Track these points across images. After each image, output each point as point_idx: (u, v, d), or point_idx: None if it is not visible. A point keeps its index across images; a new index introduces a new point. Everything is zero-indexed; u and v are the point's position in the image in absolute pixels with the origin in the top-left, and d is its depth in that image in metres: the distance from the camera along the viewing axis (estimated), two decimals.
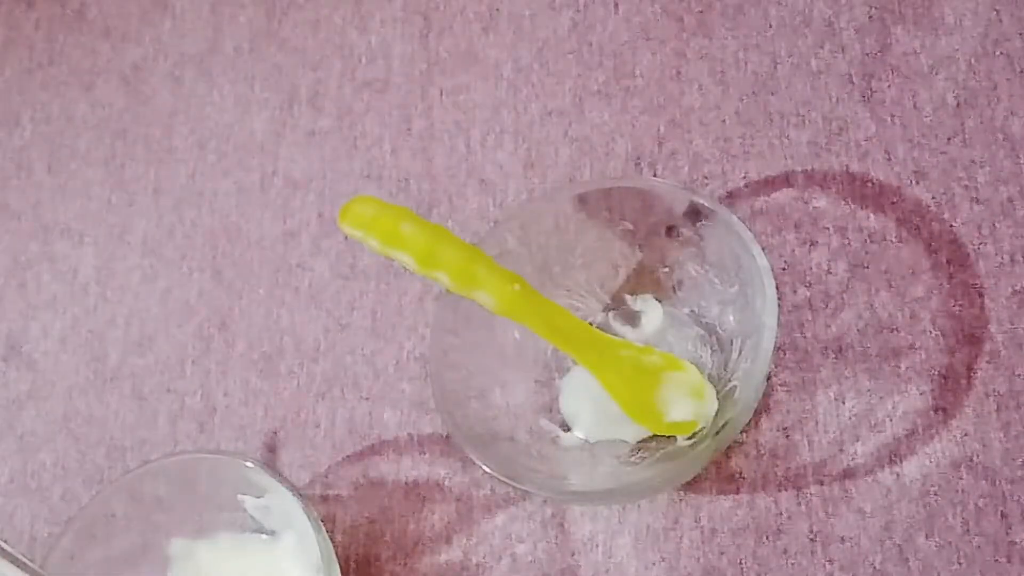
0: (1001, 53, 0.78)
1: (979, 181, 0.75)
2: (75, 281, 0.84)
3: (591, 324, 0.75)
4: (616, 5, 0.85)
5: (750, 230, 0.70)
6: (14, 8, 0.93)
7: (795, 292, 0.75)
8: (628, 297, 0.76)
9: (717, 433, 0.68)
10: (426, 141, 0.85)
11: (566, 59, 0.85)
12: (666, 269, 0.75)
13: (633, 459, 0.72)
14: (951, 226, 0.74)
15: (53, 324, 0.84)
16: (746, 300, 0.71)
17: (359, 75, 0.88)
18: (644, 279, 0.76)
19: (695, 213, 0.72)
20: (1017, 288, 0.73)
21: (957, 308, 0.73)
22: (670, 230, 0.74)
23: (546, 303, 0.69)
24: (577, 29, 0.85)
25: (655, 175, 0.79)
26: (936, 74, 0.77)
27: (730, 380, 0.71)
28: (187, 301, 0.82)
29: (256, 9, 0.91)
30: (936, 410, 0.71)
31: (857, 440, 0.71)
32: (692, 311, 0.75)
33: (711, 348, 0.73)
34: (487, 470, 0.69)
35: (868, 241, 0.74)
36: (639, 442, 0.73)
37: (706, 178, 0.79)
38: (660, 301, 0.75)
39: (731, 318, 0.73)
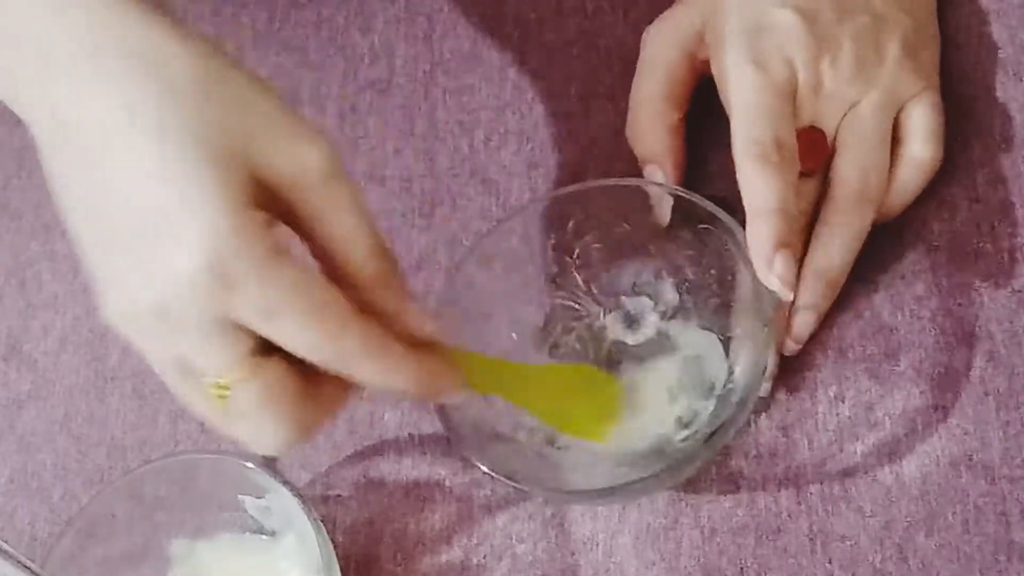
0: (998, 57, 0.78)
1: (978, 181, 0.75)
2: (75, 281, 0.84)
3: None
4: (625, 12, 0.85)
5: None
6: None
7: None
8: (626, 299, 0.76)
9: (712, 435, 0.68)
10: (429, 141, 0.85)
11: (572, 62, 0.85)
12: (665, 271, 0.75)
13: (630, 458, 0.72)
14: (951, 226, 0.74)
15: (54, 324, 0.84)
16: (745, 304, 0.71)
17: (361, 75, 0.88)
18: (643, 281, 0.76)
19: (694, 217, 0.72)
20: (1016, 287, 0.72)
21: (957, 308, 0.73)
22: (670, 232, 0.74)
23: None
24: (584, 34, 0.85)
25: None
26: None
27: (729, 382, 0.71)
28: None
29: (258, 9, 0.91)
30: (935, 409, 0.71)
31: (857, 439, 0.71)
32: (690, 313, 0.74)
33: (710, 349, 0.73)
34: (484, 469, 0.69)
35: (868, 241, 0.74)
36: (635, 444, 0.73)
37: (710, 179, 0.78)
38: (659, 303, 0.75)
39: (730, 321, 0.73)
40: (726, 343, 0.73)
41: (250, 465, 0.71)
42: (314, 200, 0.56)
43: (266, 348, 0.56)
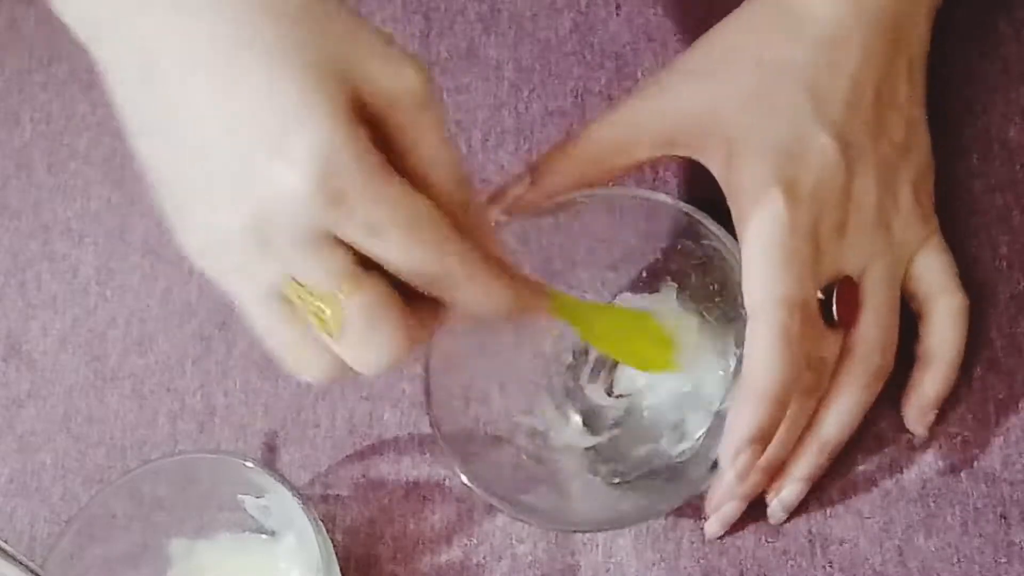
0: (998, 58, 0.78)
1: (975, 188, 0.75)
2: (75, 281, 0.84)
3: None
4: (618, 6, 0.85)
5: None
6: (14, 8, 0.93)
7: None
8: (630, 296, 0.76)
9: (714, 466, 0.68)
10: None
11: (567, 60, 0.85)
12: (668, 276, 0.75)
13: (624, 465, 0.73)
14: (948, 232, 0.74)
15: (53, 324, 0.83)
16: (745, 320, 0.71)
17: None
18: (645, 282, 0.76)
19: (697, 233, 0.72)
20: (1015, 293, 0.73)
21: None
22: (675, 241, 0.74)
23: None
24: (579, 30, 0.85)
25: (657, 176, 0.79)
26: (933, 79, 0.77)
27: (725, 400, 0.72)
28: (187, 301, 0.82)
29: None
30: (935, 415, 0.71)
31: (857, 447, 0.71)
32: (694, 315, 0.75)
33: (711, 356, 0.73)
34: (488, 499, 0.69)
35: None
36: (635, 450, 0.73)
37: (701, 181, 0.78)
38: (662, 303, 0.75)
39: (731, 332, 0.72)
40: (729, 353, 0.72)
41: (250, 465, 0.72)
42: (409, 121, 0.56)
43: (363, 267, 0.55)
